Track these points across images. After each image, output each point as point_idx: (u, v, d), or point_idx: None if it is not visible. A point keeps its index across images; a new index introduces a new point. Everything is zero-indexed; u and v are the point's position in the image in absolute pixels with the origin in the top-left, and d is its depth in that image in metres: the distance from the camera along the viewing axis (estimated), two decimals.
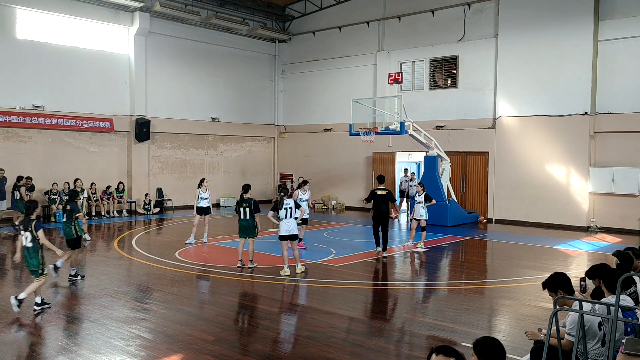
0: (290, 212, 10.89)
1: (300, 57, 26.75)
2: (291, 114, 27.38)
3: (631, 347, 3.84)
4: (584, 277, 6.10)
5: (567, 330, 4.97)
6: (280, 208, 10.86)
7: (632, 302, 5.35)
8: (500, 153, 19.97)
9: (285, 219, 10.87)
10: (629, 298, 5.30)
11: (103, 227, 18.14)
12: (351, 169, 24.62)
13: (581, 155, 18.21)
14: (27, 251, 8.31)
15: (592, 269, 6.02)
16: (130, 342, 7.04)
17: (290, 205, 10.92)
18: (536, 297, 9.23)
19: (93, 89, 20.84)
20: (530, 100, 19.17)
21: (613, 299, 5.16)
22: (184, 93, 23.86)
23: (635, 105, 17.36)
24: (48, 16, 19.72)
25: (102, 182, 20.73)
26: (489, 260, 14.09)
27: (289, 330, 7.61)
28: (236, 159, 26.28)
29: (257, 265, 11.72)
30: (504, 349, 3.48)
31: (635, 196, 17.35)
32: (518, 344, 6.78)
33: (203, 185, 14.87)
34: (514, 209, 19.66)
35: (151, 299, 9.25)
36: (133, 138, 21.84)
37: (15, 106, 18.85)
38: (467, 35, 20.97)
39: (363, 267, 12.03)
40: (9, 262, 12.56)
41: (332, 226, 18.81)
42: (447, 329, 7.70)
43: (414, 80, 22.61)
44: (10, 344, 6.92)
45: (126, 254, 13.26)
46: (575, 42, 18.10)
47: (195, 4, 23.27)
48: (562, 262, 12.99)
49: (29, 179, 17.62)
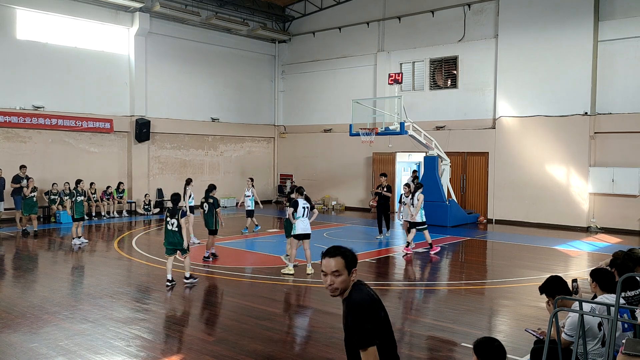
0: (306, 211, 11.11)
1: (300, 57, 26.76)
2: (291, 115, 27.38)
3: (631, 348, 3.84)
4: (576, 278, 6.09)
5: (566, 331, 4.97)
6: (298, 207, 11.04)
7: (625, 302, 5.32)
8: (500, 153, 19.97)
9: (302, 218, 11.04)
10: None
11: (103, 227, 18.13)
12: (351, 169, 24.62)
13: (581, 155, 18.21)
14: (174, 234, 10.01)
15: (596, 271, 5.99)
16: (130, 342, 7.04)
17: (306, 205, 11.16)
18: (536, 298, 9.19)
19: (93, 90, 20.84)
20: (530, 100, 19.17)
21: (611, 299, 5.16)
22: (184, 93, 23.87)
23: (635, 105, 17.36)
24: (48, 16, 19.73)
25: (102, 183, 20.73)
26: (488, 260, 14.09)
27: (289, 330, 7.60)
28: (236, 160, 26.28)
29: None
30: (504, 349, 3.49)
31: (635, 196, 17.35)
32: (518, 345, 6.78)
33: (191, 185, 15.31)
34: (514, 209, 19.66)
35: (151, 300, 9.25)
36: (133, 138, 21.84)
37: (16, 106, 18.86)
38: (467, 35, 20.98)
39: (363, 267, 12.02)
40: (9, 262, 12.57)
41: (332, 226, 18.80)
42: (447, 330, 7.70)
43: (414, 80, 22.62)
44: (10, 344, 6.92)
45: (126, 255, 13.26)
46: (575, 43, 18.10)
47: (195, 4, 23.28)
48: (562, 263, 12.99)
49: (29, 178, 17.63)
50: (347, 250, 3.36)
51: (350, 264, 3.33)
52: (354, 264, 3.35)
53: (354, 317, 3.20)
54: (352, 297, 3.29)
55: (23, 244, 14.97)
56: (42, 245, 14.82)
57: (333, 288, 3.29)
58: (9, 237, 15.88)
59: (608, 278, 5.34)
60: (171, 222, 9.98)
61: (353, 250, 3.39)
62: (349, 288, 3.31)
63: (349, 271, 3.30)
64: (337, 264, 3.28)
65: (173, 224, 9.96)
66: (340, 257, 3.30)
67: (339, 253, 3.32)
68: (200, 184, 21.15)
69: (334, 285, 3.28)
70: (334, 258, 3.30)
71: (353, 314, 3.21)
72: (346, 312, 3.28)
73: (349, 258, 3.32)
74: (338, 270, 3.27)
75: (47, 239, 15.81)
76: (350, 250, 3.37)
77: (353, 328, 3.20)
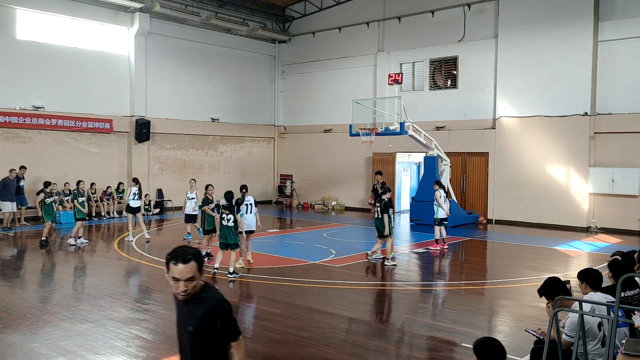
0: (250, 208, 11.99)
1: (300, 57, 26.75)
2: (291, 115, 27.38)
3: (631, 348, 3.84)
4: (569, 280, 6.09)
5: (566, 331, 4.97)
6: (242, 204, 11.88)
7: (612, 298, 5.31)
8: (500, 153, 19.97)
9: (246, 215, 11.86)
10: (610, 296, 5.27)
11: (103, 227, 18.13)
12: (351, 169, 24.61)
13: (581, 155, 18.21)
14: (229, 229, 10.51)
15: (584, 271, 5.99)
16: (130, 342, 7.04)
17: (251, 202, 12.06)
18: (536, 298, 9.14)
19: (93, 90, 20.84)
20: (530, 100, 19.17)
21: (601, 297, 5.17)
22: (184, 94, 23.86)
23: (635, 105, 17.36)
24: (48, 17, 19.72)
25: (102, 183, 20.72)
26: (489, 260, 14.09)
27: (289, 330, 7.61)
28: (236, 160, 26.27)
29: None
30: (504, 349, 3.49)
31: (635, 197, 17.35)
32: (518, 345, 6.78)
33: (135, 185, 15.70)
34: (514, 209, 19.65)
35: (151, 300, 9.25)
36: (133, 139, 21.84)
37: (15, 107, 18.86)
38: (467, 35, 20.98)
39: (363, 267, 12.03)
40: (10, 263, 12.57)
41: (332, 227, 18.80)
42: (447, 330, 7.70)
43: (413, 80, 22.62)
44: (10, 345, 6.92)
45: (126, 255, 13.26)
46: (575, 43, 18.10)
47: (195, 4, 23.27)
48: (562, 263, 12.99)
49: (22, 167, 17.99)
50: (195, 252, 3.28)
51: (201, 265, 3.28)
52: (203, 263, 3.32)
53: (226, 313, 3.28)
54: (216, 297, 3.31)
55: (23, 244, 14.97)
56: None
57: (187, 294, 3.23)
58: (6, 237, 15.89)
59: (596, 277, 5.37)
60: (227, 217, 10.49)
61: (197, 249, 3.34)
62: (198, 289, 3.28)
63: (200, 273, 3.27)
64: (191, 269, 3.20)
65: (230, 219, 10.49)
66: (194, 262, 3.21)
67: (192, 257, 3.22)
68: (200, 184, 21.14)
69: (187, 291, 3.21)
70: (188, 264, 3.19)
71: (225, 310, 3.28)
72: (211, 311, 3.25)
73: (200, 261, 3.27)
74: (193, 276, 3.21)
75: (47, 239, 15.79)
76: (196, 250, 3.31)
77: (229, 323, 3.29)
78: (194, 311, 3.27)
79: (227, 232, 10.57)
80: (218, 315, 3.25)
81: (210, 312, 3.25)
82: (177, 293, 3.24)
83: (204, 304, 3.26)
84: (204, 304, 3.26)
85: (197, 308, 3.27)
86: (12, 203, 17.13)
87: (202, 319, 3.25)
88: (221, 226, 10.63)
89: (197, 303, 3.27)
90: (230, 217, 10.53)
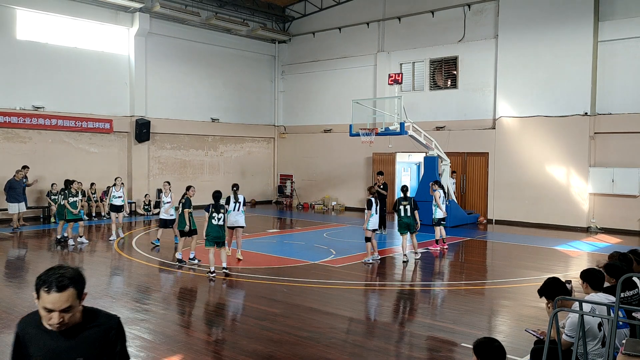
0: (238, 205, 12.41)
1: (300, 57, 26.76)
2: (291, 115, 27.38)
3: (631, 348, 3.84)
4: (569, 280, 6.09)
5: (567, 332, 4.97)
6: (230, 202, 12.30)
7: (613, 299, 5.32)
8: (500, 154, 19.97)
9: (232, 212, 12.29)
10: (611, 296, 5.27)
11: (103, 227, 18.13)
12: (351, 169, 24.61)
13: (581, 155, 18.21)
14: (219, 227, 10.79)
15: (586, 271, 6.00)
16: (130, 342, 6.99)
17: (240, 200, 12.52)
18: (536, 298, 9.13)
19: (93, 90, 20.84)
20: (530, 100, 19.17)
21: (602, 297, 5.17)
22: (184, 94, 23.87)
23: (635, 105, 17.36)
24: (48, 17, 19.72)
25: (102, 183, 20.72)
26: (489, 260, 14.09)
27: (288, 330, 7.61)
28: (236, 160, 26.27)
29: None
30: (504, 349, 3.49)
31: (635, 197, 17.35)
32: (518, 345, 6.78)
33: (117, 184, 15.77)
34: (514, 209, 19.65)
35: (151, 300, 9.25)
36: (133, 139, 21.84)
37: (15, 107, 18.86)
38: (467, 36, 20.98)
39: (363, 268, 12.03)
40: (10, 264, 12.57)
41: (332, 227, 18.80)
42: (447, 330, 7.70)
43: (413, 81, 22.62)
44: (10, 345, 6.91)
45: (126, 255, 13.26)
46: (575, 43, 18.10)
47: (195, 4, 23.28)
48: (562, 263, 12.99)
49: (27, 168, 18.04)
50: (74, 274, 2.62)
51: (82, 289, 2.65)
52: (84, 286, 2.67)
53: (124, 335, 2.83)
54: (110, 316, 2.81)
55: (23, 244, 14.97)
56: (42, 245, 14.83)
57: (63, 325, 2.60)
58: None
59: (597, 277, 5.37)
60: (217, 217, 10.76)
61: (78, 269, 2.68)
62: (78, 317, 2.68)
63: (81, 299, 2.65)
64: (69, 297, 2.57)
65: (220, 218, 10.77)
66: (72, 288, 2.57)
67: (69, 283, 2.57)
68: (200, 184, 21.18)
69: (63, 321, 2.59)
70: (64, 292, 2.55)
71: (123, 332, 2.83)
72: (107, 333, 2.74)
73: (79, 284, 2.63)
74: (70, 305, 2.58)
75: (47, 239, 15.81)
76: (76, 270, 2.66)
77: (123, 350, 2.83)
78: (82, 340, 2.68)
79: (218, 230, 10.79)
80: (118, 338, 2.78)
81: (107, 336, 2.74)
82: (50, 325, 2.61)
83: (96, 327, 2.72)
84: (96, 327, 2.72)
85: (86, 335, 2.69)
86: (19, 204, 17.15)
87: (97, 346, 2.70)
88: (210, 225, 10.77)
89: (83, 329, 2.69)
90: (221, 216, 10.82)
